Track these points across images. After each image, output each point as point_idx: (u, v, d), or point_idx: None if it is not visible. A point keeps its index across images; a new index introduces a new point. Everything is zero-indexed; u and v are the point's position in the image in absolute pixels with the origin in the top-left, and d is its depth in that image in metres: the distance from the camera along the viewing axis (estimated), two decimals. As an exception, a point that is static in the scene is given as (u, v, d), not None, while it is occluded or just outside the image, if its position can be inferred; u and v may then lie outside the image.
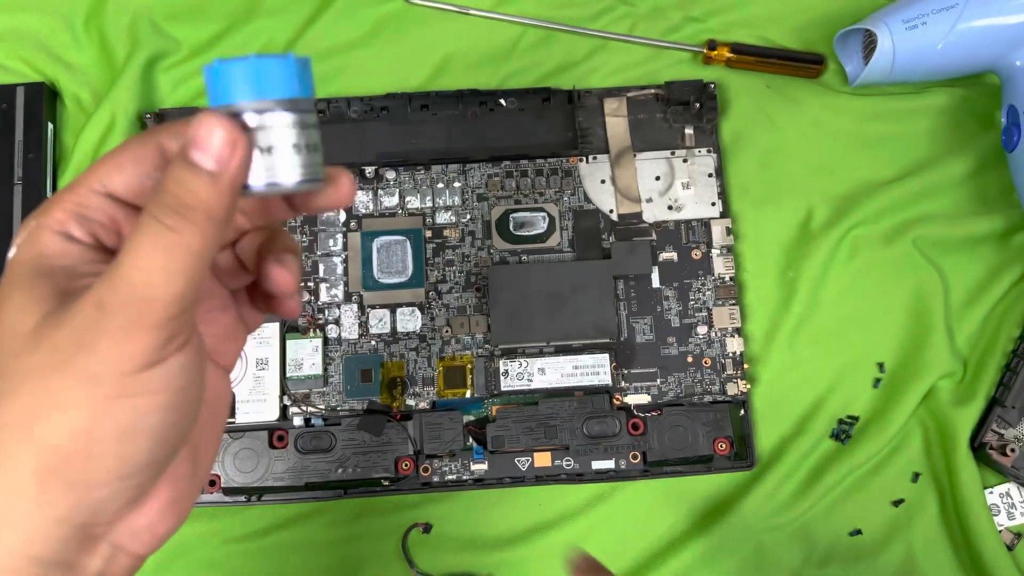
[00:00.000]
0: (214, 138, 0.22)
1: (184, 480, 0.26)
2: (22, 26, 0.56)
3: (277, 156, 0.23)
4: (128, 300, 0.21)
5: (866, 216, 0.53)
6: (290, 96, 0.23)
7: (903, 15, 0.51)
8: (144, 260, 0.21)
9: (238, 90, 0.22)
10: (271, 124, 0.23)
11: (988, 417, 0.51)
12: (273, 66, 0.22)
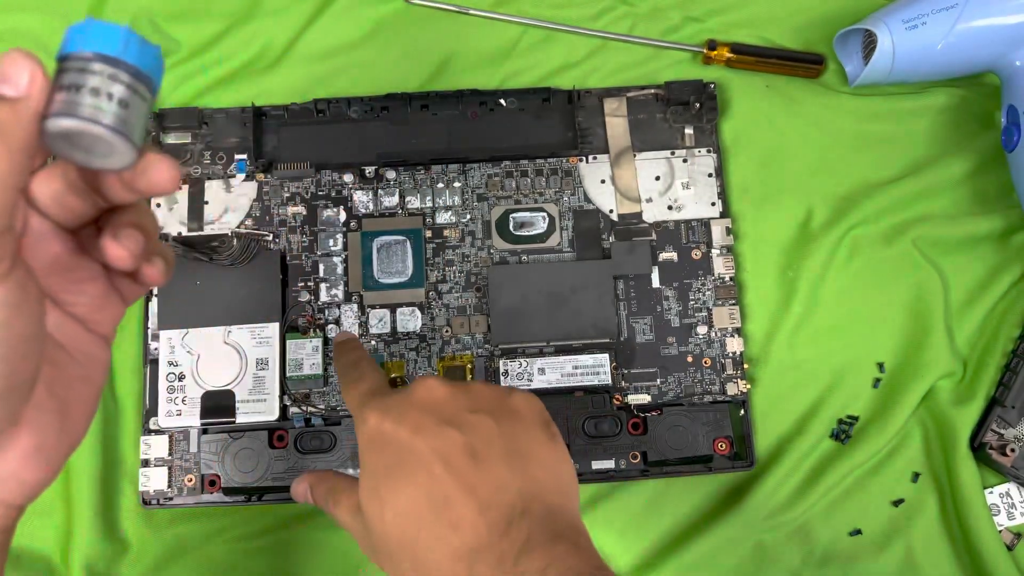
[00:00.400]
0: (16, 69, 0.23)
1: (49, 430, 0.27)
2: (22, 26, 0.56)
3: (90, 98, 0.24)
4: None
5: (866, 216, 0.53)
6: (111, 53, 0.24)
7: (903, 15, 0.51)
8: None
9: (70, 42, 0.24)
10: (93, 71, 0.24)
11: (988, 417, 0.51)
12: (103, 26, 0.24)
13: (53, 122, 0.24)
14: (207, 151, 0.54)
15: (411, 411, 0.32)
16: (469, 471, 0.30)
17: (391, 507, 0.30)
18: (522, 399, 0.33)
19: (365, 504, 0.31)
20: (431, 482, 0.30)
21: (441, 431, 0.31)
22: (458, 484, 0.30)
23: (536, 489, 0.30)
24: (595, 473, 0.50)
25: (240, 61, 0.56)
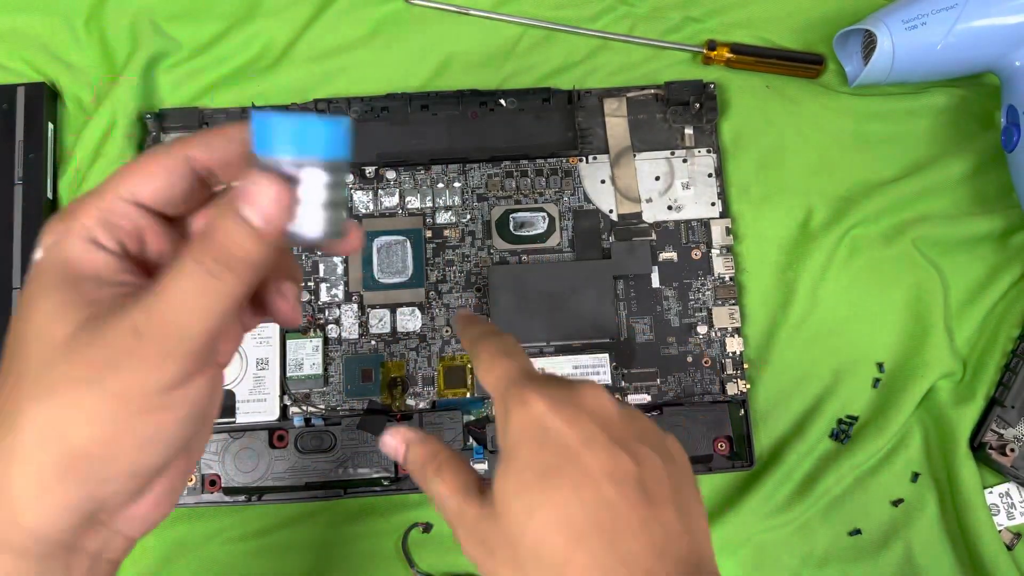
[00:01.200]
0: (264, 197, 0.23)
1: (179, 473, 0.28)
2: (23, 26, 0.56)
3: (305, 209, 0.24)
4: (164, 332, 0.23)
5: (865, 216, 0.53)
6: (328, 157, 0.24)
7: (903, 15, 0.51)
8: (184, 299, 0.23)
9: (282, 144, 0.24)
10: (306, 180, 0.24)
11: (988, 417, 0.51)
12: (318, 127, 0.24)
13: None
14: (207, 151, 0.54)
15: (583, 416, 0.29)
16: (642, 507, 0.27)
17: (544, 513, 0.27)
18: (677, 444, 0.31)
19: (508, 496, 0.28)
20: (600, 504, 0.27)
21: (614, 452, 0.28)
22: (633, 517, 0.27)
23: (700, 546, 0.28)
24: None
25: (240, 61, 0.56)
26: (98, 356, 0.23)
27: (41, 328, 0.24)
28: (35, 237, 0.51)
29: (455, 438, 0.49)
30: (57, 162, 0.54)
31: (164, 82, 0.56)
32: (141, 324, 0.23)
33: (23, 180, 0.52)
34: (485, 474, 0.50)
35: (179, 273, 0.24)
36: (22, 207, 0.52)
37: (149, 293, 0.24)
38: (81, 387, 0.23)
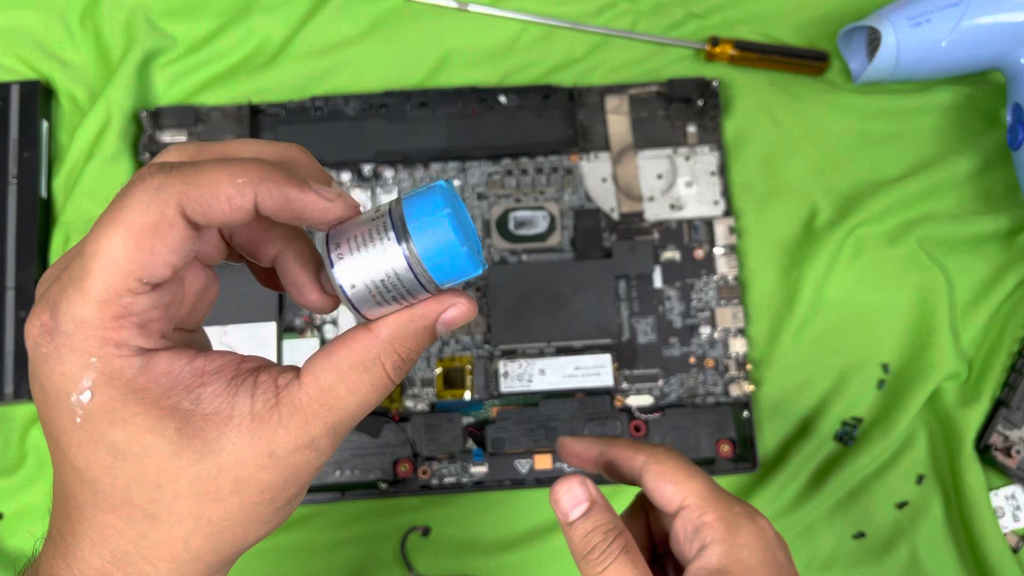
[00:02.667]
0: (460, 318, 0.25)
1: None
2: (17, 23, 0.56)
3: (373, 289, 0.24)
4: (337, 431, 0.24)
5: (870, 215, 0.53)
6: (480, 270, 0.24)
7: (907, 12, 0.51)
8: (361, 401, 0.24)
9: (444, 272, 0.23)
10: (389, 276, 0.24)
11: (993, 418, 0.50)
12: (460, 260, 0.23)
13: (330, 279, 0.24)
14: (203, 149, 0.53)
15: (784, 542, 0.32)
16: None
17: None
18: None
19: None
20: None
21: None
22: None
23: None
24: (596, 476, 0.49)
25: (236, 58, 0.56)
26: (276, 480, 0.23)
27: (169, 470, 0.22)
28: (30, 235, 0.51)
29: (454, 440, 0.49)
30: (51, 160, 0.54)
31: (159, 79, 0.55)
32: (317, 439, 0.24)
33: (17, 178, 0.52)
34: (483, 477, 0.49)
35: (360, 383, 0.24)
36: (16, 205, 0.52)
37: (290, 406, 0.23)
38: (260, 510, 0.24)
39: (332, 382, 0.24)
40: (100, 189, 0.52)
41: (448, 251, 0.23)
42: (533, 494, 0.50)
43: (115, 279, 0.21)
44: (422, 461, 0.49)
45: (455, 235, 0.22)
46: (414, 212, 0.23)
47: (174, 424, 0.22)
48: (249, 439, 0.23)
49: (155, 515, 0.22)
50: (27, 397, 0.49)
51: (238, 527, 0.23)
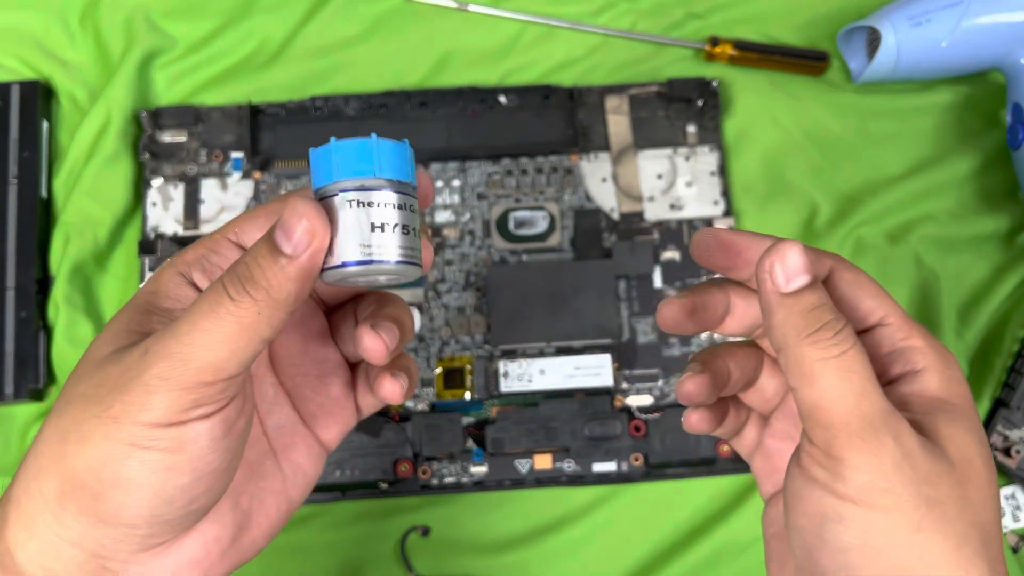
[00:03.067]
0: (296, 224, 0.22)
1: (218, 544, 0.25)
2: (17, 23, 0.56)
3: (376, 235, 0.23)
4: (166, 355, 0.22)
5: (870, 215, 0.53)
6: (393, 178, 0.23)
7: (907, 12, 0.51)
8: (195, 321, 0.22)
9: (340, 169, 0.23)
10: (375, 202, 0.23)
11: (993, 418, 0.50)
12: (374, 147, 0.23)
13: (332, 274, 0.23)
14: (203, 149, 0.53)
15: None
16: None
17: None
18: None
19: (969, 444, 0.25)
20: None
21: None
22: None
23: None
24: (596, 476, 0.49)
25: (236, 58, 0.56)
26: (111, 377, 0.22)
27: (92, 348, 0.24)
28: (30, 235, 0.51)
29: (454, 440, 0.49)
30: (52, 160, 0.54)
31: (159, 79, 0.55)
32: (151, 344, 0.22)
33: (17, 178, 0.52)
34: (483, 477, 0.49)
35: (201, 295, 0.22)
36: (16, 205, 0.51)
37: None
38: (87, 405, 0.22)
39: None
40: (100, 189, 0.52)
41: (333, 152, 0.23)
42: (533, 494, 0.50)
43: (221, 230, 0.26)
44: (422, 461, 0.49)
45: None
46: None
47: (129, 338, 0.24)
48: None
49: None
50: (27, 397, 0.49)
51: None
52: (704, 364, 0.28)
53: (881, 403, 0.23)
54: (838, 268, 0.26)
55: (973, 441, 0.24)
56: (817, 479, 0.23)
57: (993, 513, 0.24)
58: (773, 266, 0.24)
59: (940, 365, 0.25)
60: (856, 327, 0.26)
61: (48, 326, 0.50)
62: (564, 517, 0.49)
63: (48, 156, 0.54)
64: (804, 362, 0.23)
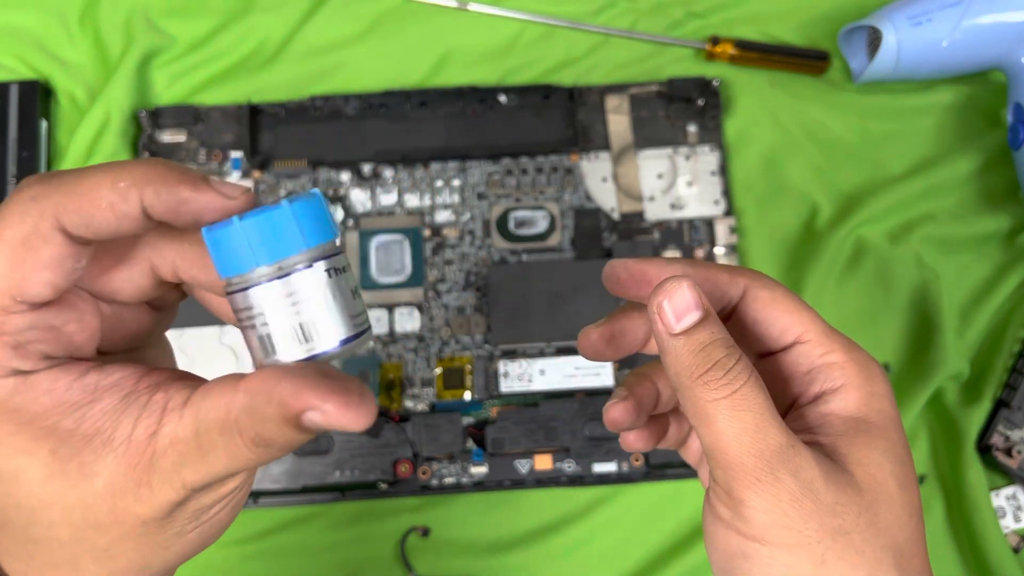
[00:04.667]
0: (338, 419, 0.19)
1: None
2: (16, 23, 0.56)
3: (310, 326, 0.20)
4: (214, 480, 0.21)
5: (871, 214, 0.53)
6: (314, 244, 0.20)
7: (908, 12, 0.51)
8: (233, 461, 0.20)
9: (253, 255, 0.20)
10: (299, 289, 0.20)
11: (994, 418, 0.50)
12: (284, 216, 0.19)
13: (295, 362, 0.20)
14: (202, 148, 0.53)
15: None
16: None
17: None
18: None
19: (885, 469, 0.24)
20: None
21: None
22: None
23: None
24: (596, 476, 0.49)
25: (236, 57, 0.55)
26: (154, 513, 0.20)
27: (42, 496, 0.20)
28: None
29: (454, 440, 0.49)
30: (51, 160, 0.54)
31: (158, 79, 0.55)
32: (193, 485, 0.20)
33: (17, 178, 0.52)
34: (484, 477, 0.49)
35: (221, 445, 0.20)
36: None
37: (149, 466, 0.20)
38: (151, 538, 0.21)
39: (207, 427, 0.20)
40: (99, 189, 0.52)
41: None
42: (533, 494, 0.50)
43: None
44: (422, 461, 0.49)
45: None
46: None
47: (48, 446, 0.20)
48: (124, 468, 0.20)
49: (37, 539, 0.21)
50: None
51: (131, 553, 0.21)
52: (630, 389, 0.28)
53: (778, 438, 0.22)
54: (753, 287, 0.26)
55: (887, 461, 0.24)
56: (723, 518, 0.23)
57: (911, 531, 0.24)
58: (661, 306, 0.23)
59: (860, 380, 0.25)
60: (773, 347, 0.26)
61: (47, 326, 0.50)
62: (564, 517, 0.49)
63: (47, 156, 0.53)
64: (698, 403, 0.23)
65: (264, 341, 0.20)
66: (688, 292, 0.23)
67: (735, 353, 0.23)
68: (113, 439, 0.20)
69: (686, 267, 0.26)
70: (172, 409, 0.21)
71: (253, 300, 0.20)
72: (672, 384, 0.24)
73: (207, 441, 0.20)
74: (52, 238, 0.20)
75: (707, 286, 0.26)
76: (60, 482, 0.20)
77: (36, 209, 0.20)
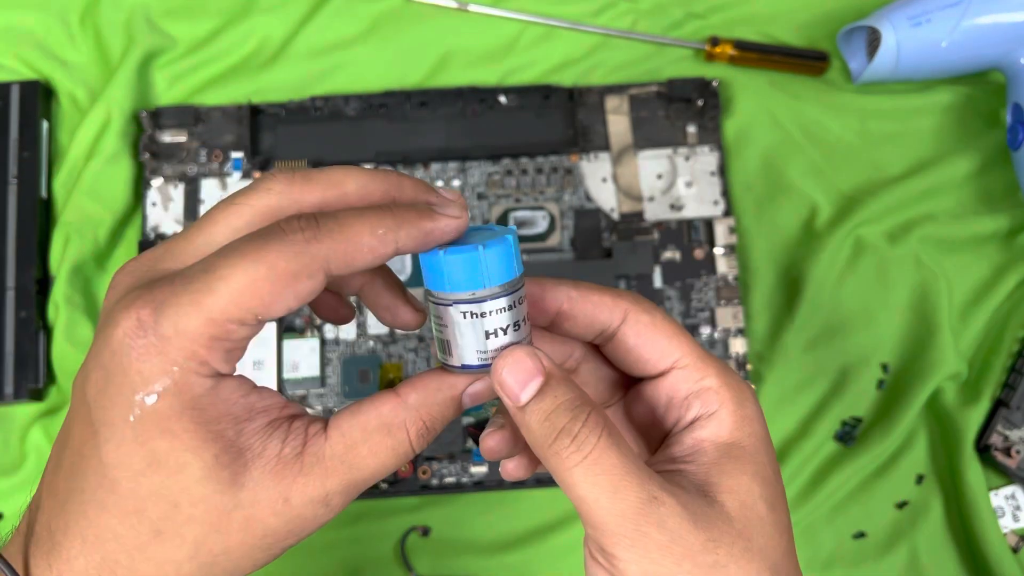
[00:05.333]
0: (487, 393, 0.25)
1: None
2: (17, 23, 0.56)
3: (491, 341, 0.24)
4: (351, 491, 0.24)
5: (870, 215, 0.53)
6: (503, 281, 0.24)
7: (908, 12, 0.51)
8: (380, 463, 0.25)
9: (451, 281, 0.24)
10: (487, 311, 0.24)
11: (993, 418, 0.50)
12: (485, 258, 0.23)
13: (454, 371, 0.25)
14: (203, 149, 0.53)
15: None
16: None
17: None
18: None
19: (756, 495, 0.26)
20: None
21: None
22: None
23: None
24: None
25: (236, 58, 0.56)
26: (282, 527, 0.23)
27: (192, 493, 0.22)
28: (30, 235, 0.51)
29: (454, 440, 0.49)
30: (52, 160, 0.54)
31: (159, 79, 0.55)
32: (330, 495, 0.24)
33: (17, 178, 0.52)
34: (483, 477, 0.49)
35: (382, 446, 0.24)
36: (16, 206, 0.51)
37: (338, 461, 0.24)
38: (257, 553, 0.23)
39: (356, 440, 0.24)
40: (100, 189, 0.52)
41: (460, 262, 0.24)
42: (533, 494, 0.50)
43: (234, 308, 0.21)
44: (422, 461, 0.49)
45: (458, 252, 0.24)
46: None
47: (214, 450, 0.22)
48: (270, 481, 0.23)
49: (162, 532, 0.22)
50: (27, 397, 0.49)
51: (231, 563, 0.23)
52: (506, 416, 0.28)
53: (638, 494, 0.23)
54: (633, 311, 0.27)
55: (756, 485, 0.25)
56: (601, 570, 0.24)
57: (783, 548, 0.25)
58: (503, 379, 0.25)
59: (733, 404, 0.26)
60: (652, 371, 0.27)
61: (48, 326, 0.50)
62: (564, 517, 0.49)
63: (48, 156, 0.54)
64: (556, 471, 0.24)
65: (444, 345, 0.25)
66: (526, 360, 0.24)
67: (582, 414, 0.24)
68: (263, 455, 0.23)
69: (570, 289, 0.27)
70: (315, 434, 0.24)
71: (442, 313, 0.24)
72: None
73: (364, 449, 0.24)
74: (316, 276, 0.22)
75: (588, 310, 0.27)
76: (214, 485, 0.22)
77: (310, 252, 0.22)
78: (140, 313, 0.22)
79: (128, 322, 0.22)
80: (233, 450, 0.22)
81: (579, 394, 0.24)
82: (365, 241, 0.23)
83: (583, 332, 0.27)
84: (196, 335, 0.21)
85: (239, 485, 0.22)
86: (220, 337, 0.22)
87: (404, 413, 0.25)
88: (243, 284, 0.21)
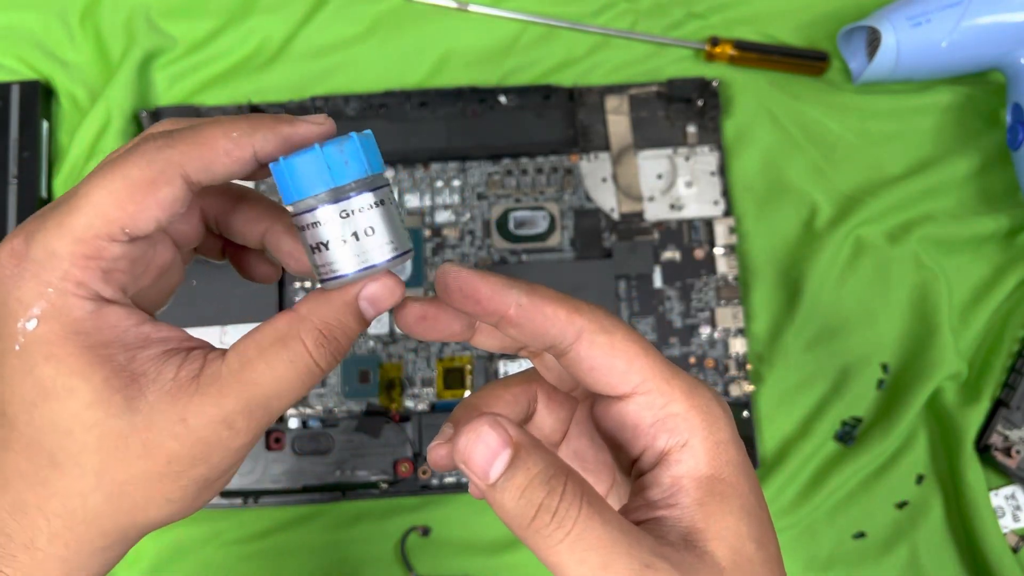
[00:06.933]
0: (385, 295, 0.24)
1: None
2: (17, 23, 0.56)
3: (364, 240, 0.23)
4: (253, 410, 0.23)
5: (870, 215, 0.53)
6: (363, 175, 0.23)
7: (907, 12, 0.51)
8: (278, 376, 0.23)
9: (311, 182, 0.23)
10: (353, 209, 0.23)
11: (993, 418, 0.50)
12: (338, 151, 0.23)
13: (332, 284, 0.24)
14: (203, 149, 0.53)
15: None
16: None
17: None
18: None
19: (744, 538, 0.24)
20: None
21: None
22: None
23: None
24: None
25: (236, 58, 0.56)
26: (184, 450, 0.22)
27: (83, 418, 0.22)
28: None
29: (454, 440, 0.49)
30: (52, 160, 0.54)
31: (159, 79, 0.55)
32: (230, 415, 0.23)
33: (17, 179, 0.52)
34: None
35: (280, 350, 0.23)
36: (16, 206, 0.52)
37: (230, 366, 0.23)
38: (166, 482, 0.23)
39: (251, 356, 0.23)
40: (100, 189, 0.52)
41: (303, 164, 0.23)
42: (533, 494, 0.50)
43: (99, 222, 0.22)
44: (422, 461, 0.49)
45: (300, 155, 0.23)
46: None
47: (103, 374, 0.22)
48: (166, 403, 0.22)
49: (60, 463, 0.22)
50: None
51: (140, 494, 0.23)
52: (457, 425, 0.26)
53: (629, 565, 0.21)
54: (589, 331, 0.24)
55: (743, 524, 0.23)
56: None
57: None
58: (469, 457, 0.22)
59: (704, 431, 0.24)
60: (613, 393, 0.25)
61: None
62: (564, 517, 0.49)
63: (48, 156, 0.54)
64: (539, 552, 0.22)
65: (324, 268, 0.24)
66: (491, 433, 0.22)
67: (558, 485, 0.22)
68: (159, 379, 0.23)
69: (520, 296, 0.24)
70: (213, 359, 0.23)
71: (310, 226, 0.23)
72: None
73: (260, 364, 0.23)
74: (174, 181, 0.22)
75: (537, 322, 0.24)
76: (105, 409, 0.22)
77: (163, 156, 0.22)
78: (13, 243, 0.22)
79: (3, 255, 0.22)
80: (125, 374, 0.22)
81: (551, 460, 0.22)
82: (220, 144, 0.23)
83: (529, 342, 0.25)
84: (66, 254, 0.22)
85: (133, 410, 0.22)
86: (92, 256, 0.22)
87: (299, 324, 0.24)
88: (102, 197, 0.22)
